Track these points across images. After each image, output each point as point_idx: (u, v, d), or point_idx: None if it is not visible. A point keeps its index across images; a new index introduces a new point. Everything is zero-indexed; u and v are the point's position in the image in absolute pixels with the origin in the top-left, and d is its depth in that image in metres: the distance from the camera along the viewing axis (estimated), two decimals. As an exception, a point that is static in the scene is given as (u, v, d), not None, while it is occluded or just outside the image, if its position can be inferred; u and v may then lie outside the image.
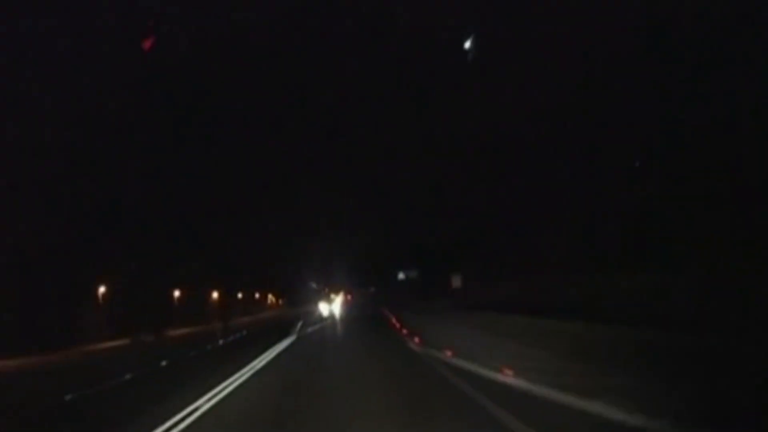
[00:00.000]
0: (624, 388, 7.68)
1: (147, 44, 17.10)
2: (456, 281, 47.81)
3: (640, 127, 20.56)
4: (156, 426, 8.59)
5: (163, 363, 19.00)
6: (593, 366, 9.67)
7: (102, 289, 43.04)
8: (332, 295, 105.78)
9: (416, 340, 16.78)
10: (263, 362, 16.06)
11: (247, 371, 14.18)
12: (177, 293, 58.10)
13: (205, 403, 10.21)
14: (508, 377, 9.64)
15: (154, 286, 53.76)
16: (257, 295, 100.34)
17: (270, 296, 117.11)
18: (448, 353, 13.51)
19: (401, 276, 45.62)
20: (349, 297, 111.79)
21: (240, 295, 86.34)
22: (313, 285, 69.82)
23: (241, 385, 12.40)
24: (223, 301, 65.89)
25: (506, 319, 18.02)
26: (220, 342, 27.81)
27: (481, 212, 45.29)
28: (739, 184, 15.93)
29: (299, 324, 35.62)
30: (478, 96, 26.83)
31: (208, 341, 28.79)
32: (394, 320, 27.40)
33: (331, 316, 50.77)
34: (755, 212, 14.89)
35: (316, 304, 65.43)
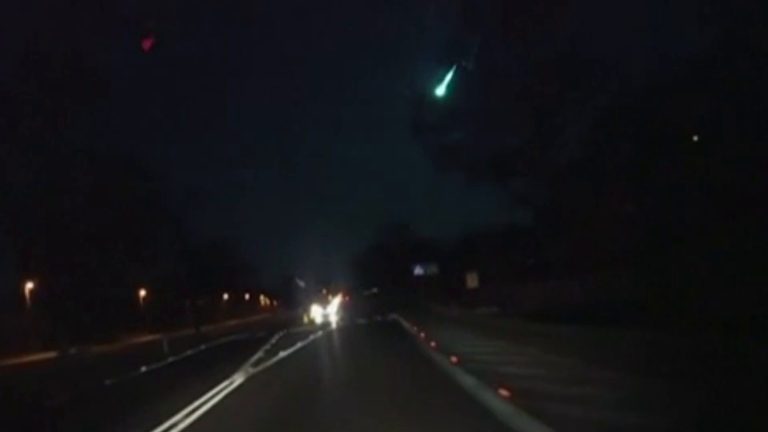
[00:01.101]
0: None
1: (147, 44, 16.75)
2: (472, 280, 39.36)
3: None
4: None
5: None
6: None
7: (29, 286, 33.93)
8: (330, 297, 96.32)
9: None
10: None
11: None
12: (143, 293, 49.01)
13: None
14: None
15: (110, 285, 44.97)
16: (247, 296, 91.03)
17: (262, 297, 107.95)
18: None
19: (418, 271, 35.73)
20: (347, 299, 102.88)
21: (226, 296, 77.35)
22: (301, 283, 58.22)
23: None
24: (195, 304, 56.57)
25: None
26: (142, 369, 18.63)
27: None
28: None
29: (276, 338, 26.44)
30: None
31: (143, 361, 20.03)
32: (431, 342, 15.35)
33: (326, 324, 39.81)
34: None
35: (306, 308, 55.95)
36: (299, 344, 21.50)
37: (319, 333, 27.90)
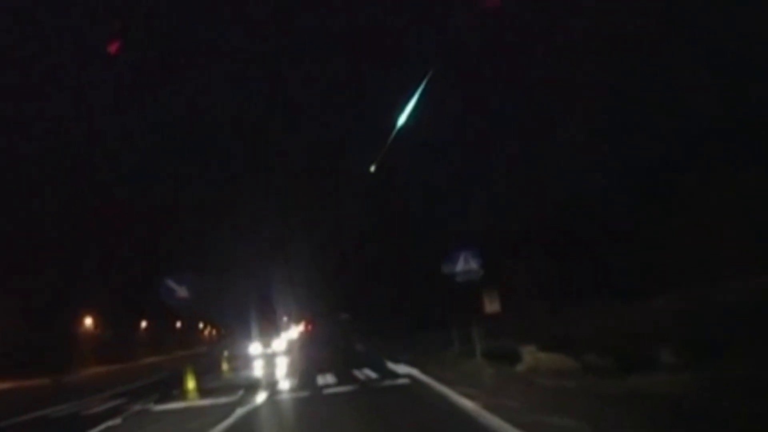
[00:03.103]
0: None
1: (113, 47, 16.33)
2: (491, 303, 23.84)
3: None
4: None
5: None
6: None
7: None
8: (293, 326, 77.99)
9: None
10: None
11: None
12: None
13: None
14: None
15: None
16: (179, 325, 72.83)
17: (202, 326, 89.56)
18: None
19: (463, 266, 18.42)
20: (309, 328, 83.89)
21: (144, 324, 59.81)
22: (182, 292, 28.36)
23: None
24: (63, 336, 38.84)
25: None
26: None
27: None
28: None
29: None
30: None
31: None
32: None
33: (255, 388, 17.96)
34: None
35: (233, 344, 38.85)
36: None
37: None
